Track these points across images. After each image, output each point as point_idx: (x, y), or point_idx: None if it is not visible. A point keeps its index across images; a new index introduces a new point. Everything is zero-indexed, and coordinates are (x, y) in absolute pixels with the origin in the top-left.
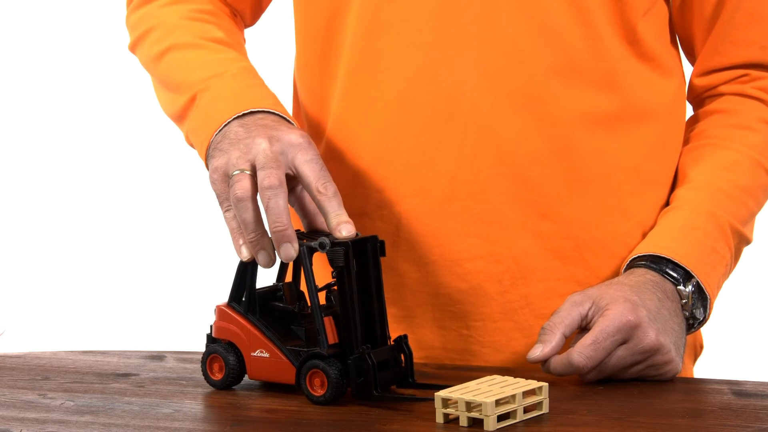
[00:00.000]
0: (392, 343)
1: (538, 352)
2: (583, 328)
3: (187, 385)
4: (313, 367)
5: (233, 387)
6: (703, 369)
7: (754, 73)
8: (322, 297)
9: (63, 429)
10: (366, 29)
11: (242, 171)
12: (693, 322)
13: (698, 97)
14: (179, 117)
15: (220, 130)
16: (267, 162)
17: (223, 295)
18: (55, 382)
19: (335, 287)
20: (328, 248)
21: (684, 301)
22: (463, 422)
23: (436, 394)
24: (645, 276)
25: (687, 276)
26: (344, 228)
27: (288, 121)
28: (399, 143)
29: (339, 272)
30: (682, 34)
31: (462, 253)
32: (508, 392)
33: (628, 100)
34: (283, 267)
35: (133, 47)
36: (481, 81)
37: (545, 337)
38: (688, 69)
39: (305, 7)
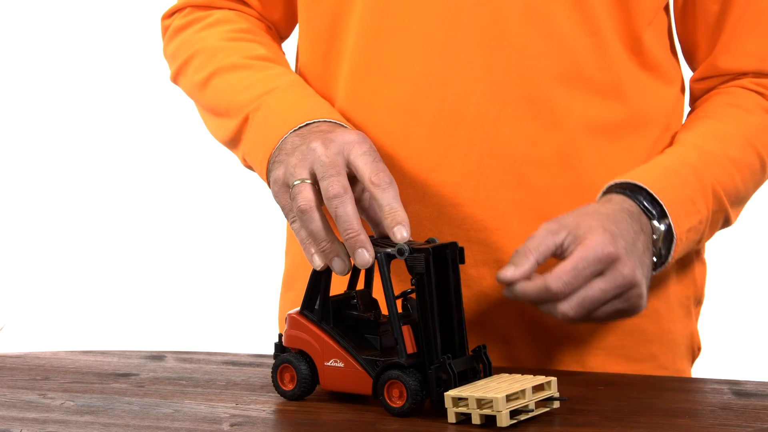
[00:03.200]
0: (471, 353)
1: (509, 273)
2: (556, 256)
3: (187, 385)
4: (392, 377)
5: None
6: (703, 369)
7: (752, 76)
8: (398, 305)
9: (63, 429)
10: (370, 33)
11: (302, 180)
12: (656, 263)
13: (697, 99)
14: (233, 141)
15: (277, 147)
16: (326, 169)
17: (224, 296)
18: (55, 382)
19: (412, 295)
20: (407, 255)
21: (656, 237)
22: (476, 420)
23: (446, 393)
24: (622, 204)
25: (662, 214)
26: (398, 231)
27: (344, 126)
28: (404, 149)
29: (419, 279)
30: (684, 42)
31: (466, 260)
32: (517, 388)
33: (632, 108)
34: (355, 274)
35: (176, 77)
36: (488, 88)
37: (518, 260)
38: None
39: (308, 9)
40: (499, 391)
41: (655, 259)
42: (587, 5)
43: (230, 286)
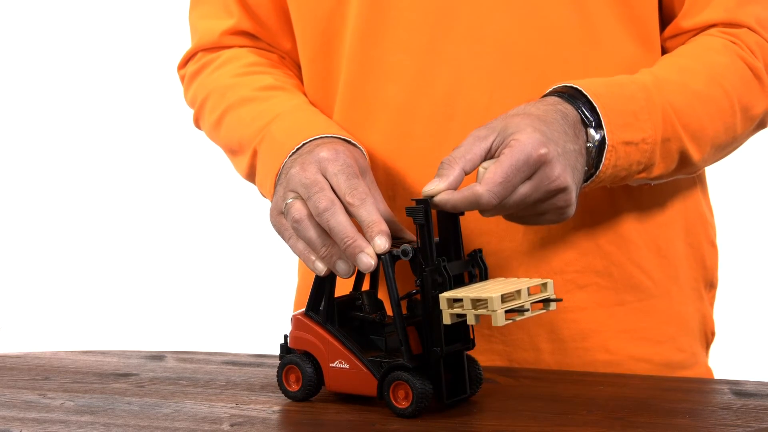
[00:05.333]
0: (466, 257)
1: (433, 186)
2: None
3: (187, 385)
4: (397, 378)
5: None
6: None
7: (721, 26)
8: (403, 306)
9: (63, 429)
10: (361, 44)
11: (293, 199)
12: (590, 175)
13: None
14: (251, 176)
15: (278, 174)
16: (309, 189)
17: (224, 296)
18: (55, 382)
19: (417, 296)
20: (411, 256)
21: (590, 145)
22: (471, 320)
23: (440, 295)
24: (556, 105)
25: (600, 124)
26: (378, 242)
27: (334, 137)
28: (402, 150)
29: (420, 229)
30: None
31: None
32: (512, 288)
33: None
34: (360, 275)
35: (197, 122)
36: (476, 78)
37: (444, 171)
38: None
39: (302, 30)
40: (494, 291)
41: (587, 168)
42: None
43: (230, 286)
